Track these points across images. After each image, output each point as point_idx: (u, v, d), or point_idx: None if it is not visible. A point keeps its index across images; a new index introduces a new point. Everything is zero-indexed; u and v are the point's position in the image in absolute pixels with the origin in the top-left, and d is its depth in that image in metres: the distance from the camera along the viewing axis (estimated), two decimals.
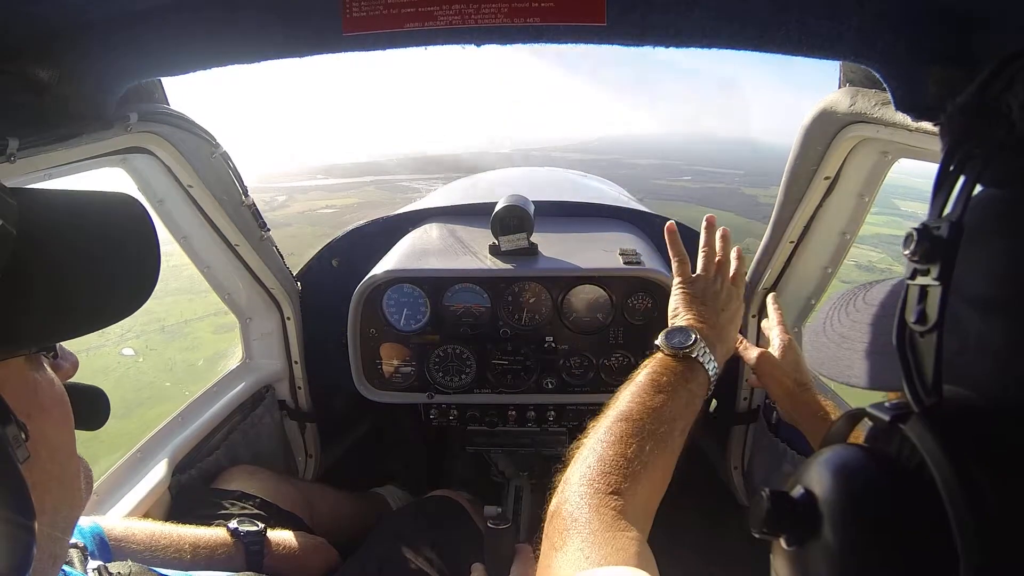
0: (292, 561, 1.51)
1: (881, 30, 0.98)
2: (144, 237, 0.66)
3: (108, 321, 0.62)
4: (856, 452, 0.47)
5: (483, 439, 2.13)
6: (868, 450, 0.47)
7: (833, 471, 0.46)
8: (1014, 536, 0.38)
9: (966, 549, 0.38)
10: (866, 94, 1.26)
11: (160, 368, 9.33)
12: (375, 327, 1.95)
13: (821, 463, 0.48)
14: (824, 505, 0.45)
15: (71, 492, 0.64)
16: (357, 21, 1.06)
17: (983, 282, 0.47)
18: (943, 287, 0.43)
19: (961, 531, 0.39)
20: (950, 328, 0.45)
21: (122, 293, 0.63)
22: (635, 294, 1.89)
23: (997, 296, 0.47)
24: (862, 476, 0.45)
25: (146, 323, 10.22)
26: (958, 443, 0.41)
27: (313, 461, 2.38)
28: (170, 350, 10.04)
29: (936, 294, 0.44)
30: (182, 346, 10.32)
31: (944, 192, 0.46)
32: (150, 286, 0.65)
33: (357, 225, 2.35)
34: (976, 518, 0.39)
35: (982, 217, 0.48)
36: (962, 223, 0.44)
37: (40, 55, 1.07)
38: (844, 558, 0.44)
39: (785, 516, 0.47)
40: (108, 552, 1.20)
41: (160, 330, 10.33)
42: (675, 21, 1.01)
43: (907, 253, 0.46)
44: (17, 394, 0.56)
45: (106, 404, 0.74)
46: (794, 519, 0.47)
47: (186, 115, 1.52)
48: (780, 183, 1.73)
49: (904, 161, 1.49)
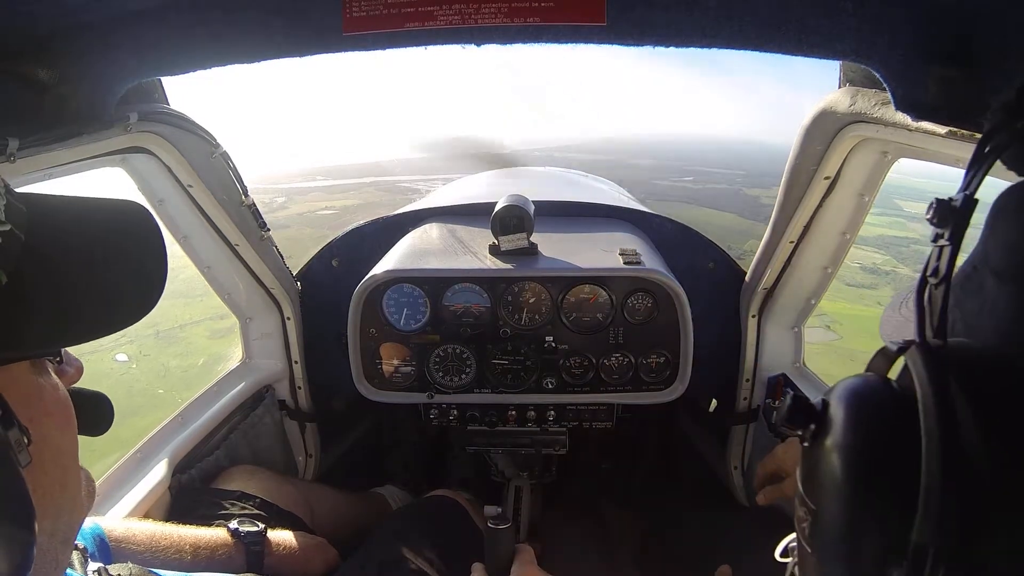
0: (292, 561, 1.51)
1: (881, 30, 0.98)
2: (152, 246, 0.66)
3: (113, 328, 0.62)
4: (873, 379, 0.56)
5: (483, 439, 2.13)
6: (884, 378, 0.56)
7: (846, 388, 0.56)
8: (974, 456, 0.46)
9: (926, 467, 0.46)
10: (866, 94, 1.26)
11: (153, 375, 9.25)
12: (375, 327, 1.95)
13: (842, 383, 0.57)
14: (832, 412, 0.55)
15: (73, 498, 0.64)
16: (357, 21, 1.06)
17: (1003, 255, 0.57)
18: (952, 247, 0.53)
19: (927, 449, 0.46)
20: (974, 291, 0.57)
21: (128, 301, 0.63)
22: (635, 294, 1.89)
23: (1009, 267, 0.56)
24: (866, 395, 0.55)
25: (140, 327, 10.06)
26: (945, 371, 0.49)
27: (313, 461, 2.38)
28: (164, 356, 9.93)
29: (947, 253, 0.53)
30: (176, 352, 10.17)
31: (973, 172, 0.56)
32: (156, 295, 0.65)
33: (357, 225, 2.35)
34: (940, 442, 0.46)
35: (1010, 201, 0.58)
36: (974, 196, 0.54)
37: (40, 55, 1.07)
38: (840, 458, 0.53)
39: (801, 415, 0.57)
40: (108, 553, 1.20)
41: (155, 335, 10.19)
42: (675, 21, 1.01)
43: (928, 217, 0.56)
44: (20, 399, 0.56)
45: (110, 409, 0.73)
46: (808, 418, 0.56)
47: (186, 115, 1.52)
48: (780, 183, 1.73)
49: (907, 162, 1.49)
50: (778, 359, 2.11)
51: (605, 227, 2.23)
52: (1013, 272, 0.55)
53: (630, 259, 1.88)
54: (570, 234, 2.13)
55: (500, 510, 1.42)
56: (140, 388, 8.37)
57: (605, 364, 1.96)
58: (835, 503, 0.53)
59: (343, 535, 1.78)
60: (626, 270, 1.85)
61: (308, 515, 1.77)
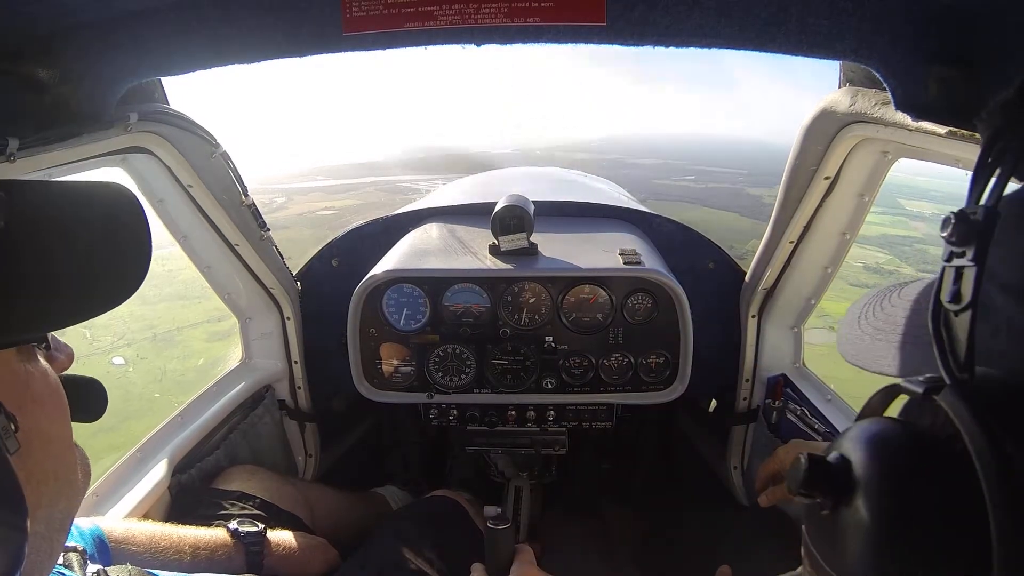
0: (292, 561, 1.50)
1: (881, 30, 0.98)
2: (135, 225, 0.66)
3: (96, 311, 0.61)
4: (890, 423, 0.50)
5: (483, 439, 2.13)
6: (902, 422, 0.49)
7: (868, 440, 0.49)
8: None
9: (996, 517, 0.40)
10: (866, 94, 1.26)
11: (151, 378, 9.17)
12: (375, 327, 1.95)
13: (857, 432, 0.50)
14: (859, 471, 0.47)
15: (68, 484, 0.64)
16: (357, 21, 1.06)
17: (1017, 270, 0.50)
18: (978, 267, 0.47)
19: (993, 498, 0.40)
20: (983, 314, 0.48)
21: (111, 283, 0.63)
22: (635, 294, 1.89)
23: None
24: (895, 445, 0.48)
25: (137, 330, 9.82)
26: (991, 414, 0.43)
27: (313, 461, 2.38)
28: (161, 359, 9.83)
29: (971, 274, 0.47)
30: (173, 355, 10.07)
31: (982, 182, 0.50)
32: (141, 274, 0.65)
33: (357, 225, 2.35)
34: (1007, 487, 0.40)
35: (1018, 210, 0.51)
36: (996, 209, 0.47)
37: (40, 55, 1.07)
38: (877, 524, 0.46)
39: (821, 479, 0.49)
40: (108, 555, 1.20)
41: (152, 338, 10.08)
42: (675, 21, 1.01)
43: (944, 235, 0.49)
44: (7, 386, 0.56)
45: (103, 395, 0.73)
46: (829, 483, 0.49)
47: (186, 115, 1.52)
48: (780, 183, 1.73)
49: (907, 161, 1.49)
50: (778, 359, 2.11)
51: (605, 227, 2.23)
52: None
53: (630, 259, 1.88)
54: (570, 234, 2.13)
55: (500, 510, 1.42)
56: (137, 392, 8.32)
57: (605, 364, 1.96)
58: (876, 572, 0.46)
59: (343, 535, 1.78)
60: (626, 270, 1.85)
61: (308, 515, 1.77)
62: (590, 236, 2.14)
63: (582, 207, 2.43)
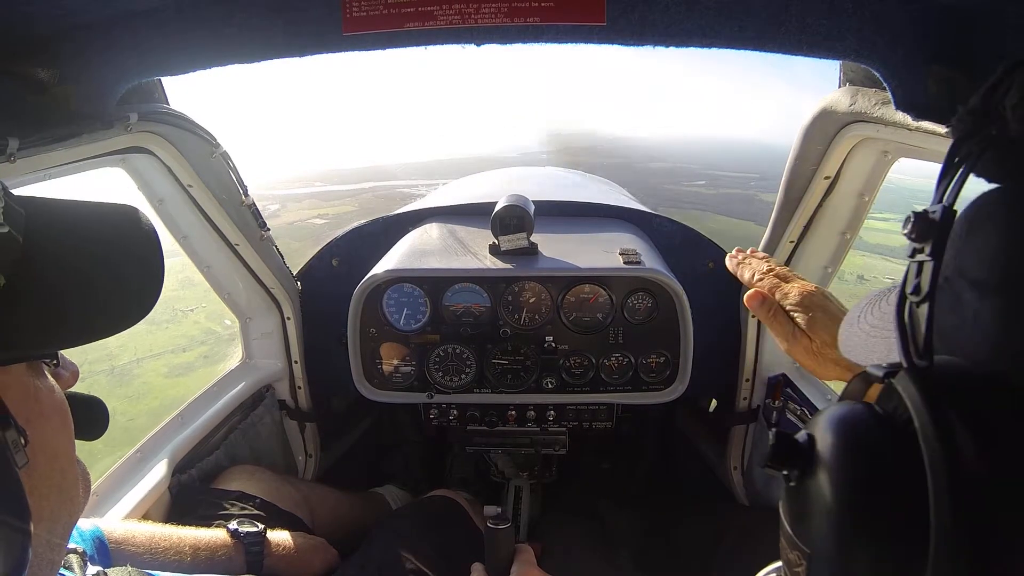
0: (292, 562, 1.50)
1: (881, 30, 0.98)
2: (148, 251, 0.67)
3: (109, 332, 0.62)
4: (858, 406, 0.53)
5: (483, 439, 2.13)
6: (867, 405, 0.53)
7: (832, 419, 0.53)
8: (984, 487, 0.43)
9: (935, 499, 0.43)
10: (866, 93, 1.26)
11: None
12: (375, 327, 1.95)
13: (824, 414, 0.54)
14: (820, 447, 0.52)
15: (70, 499, 0.65)
16: (357, 21, 1.06)
17: (981, 266, 0.53)
18: (935, 262, 0.51)
19: (934, 477, 0.43)
20: (951, 306, 0.53)
21: (124, 305, 0.64)
22: (635, 294, 1.89)
23: (991, 278, 0.53)
24: (854, 424, 0.52)
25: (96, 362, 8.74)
26: (941, 397, 0.46)
27: (313, 461, 2.38)
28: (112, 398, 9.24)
29: (929, 268, 0.51)
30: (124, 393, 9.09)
31: (946, 183, 0.53)
32: (153, 297, 0.66)
33: (357, 225, 2.35)
34: (949, 468, 0.43)
35: (984, 210, 0.55)
36: (953, 208, 0.51)
37: (40, 55, 1.07)
38: (833, 495, 0.50)
39: (786, 454, 0.54)
40: (108, 556, 1.20)
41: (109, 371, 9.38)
42: (675, 21, 1.01)
43: (905, 232, 0.53)
44: (18, 400, 0.56)
45: (105, 414, 0.74)
46: (794, 457, 0.53)
47: (186, 115, 1.52)
48: (780, 183, 1.73)
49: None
50: (778, 359, 2.10)
51: (605, 227, 2.23)
52: (997, 283, 0.52)
53: (630, 259, 1.88)
54: (570, 234, 2.13)
55: (500, 510, 1.43)
56: None
57: (605, 364, 1.96)
58: (834, 545, 0.50)
59: (343, 535, 1.77)
60: (626, 270, 1.85)
61: (308, 515, 1.77)
62: (590, 236, 2.14)
63: (582, 207, 2.43)
